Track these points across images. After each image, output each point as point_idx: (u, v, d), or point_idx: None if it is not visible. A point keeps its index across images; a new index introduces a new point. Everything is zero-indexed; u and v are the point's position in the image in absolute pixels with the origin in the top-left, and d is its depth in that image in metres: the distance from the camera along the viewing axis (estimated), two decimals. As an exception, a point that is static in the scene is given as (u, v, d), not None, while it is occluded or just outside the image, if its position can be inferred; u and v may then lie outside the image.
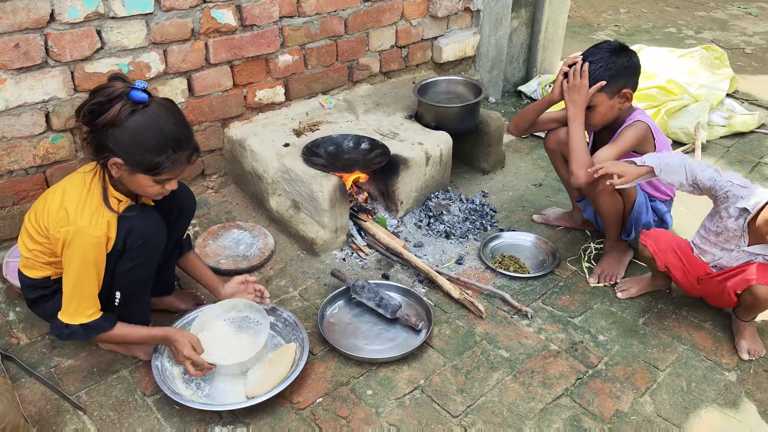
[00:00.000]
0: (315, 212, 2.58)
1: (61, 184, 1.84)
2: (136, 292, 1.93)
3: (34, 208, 1.85)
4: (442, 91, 3.16)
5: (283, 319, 2.17)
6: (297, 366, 1.98)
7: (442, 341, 2.18)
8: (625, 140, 2.30)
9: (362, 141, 2.80)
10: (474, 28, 3.67)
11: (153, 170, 1.72)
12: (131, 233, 1.79)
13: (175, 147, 1.72)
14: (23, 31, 2.19)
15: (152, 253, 1.89)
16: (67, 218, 1.72)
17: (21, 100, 2.28)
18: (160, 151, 1.70)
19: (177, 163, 1.74)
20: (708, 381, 2.05)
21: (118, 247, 1.80)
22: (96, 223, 1.74)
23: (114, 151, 1.69)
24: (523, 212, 2.92)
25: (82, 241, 1.72)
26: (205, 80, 2.72)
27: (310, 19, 2.93)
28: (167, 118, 1.71)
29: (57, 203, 1.76)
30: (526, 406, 1.94)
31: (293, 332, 2.13)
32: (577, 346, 2.18)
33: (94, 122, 1.68)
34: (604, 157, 2.27)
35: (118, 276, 1.85)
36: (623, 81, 2.26)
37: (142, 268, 1.89)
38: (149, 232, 1.84)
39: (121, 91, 1.67)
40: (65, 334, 1.81)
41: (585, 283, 2.48)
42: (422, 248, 2.65)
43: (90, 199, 1.76)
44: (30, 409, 1.89)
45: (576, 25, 5.70)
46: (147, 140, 1.68)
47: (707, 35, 5.58)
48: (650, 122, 2.35)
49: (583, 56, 2.28)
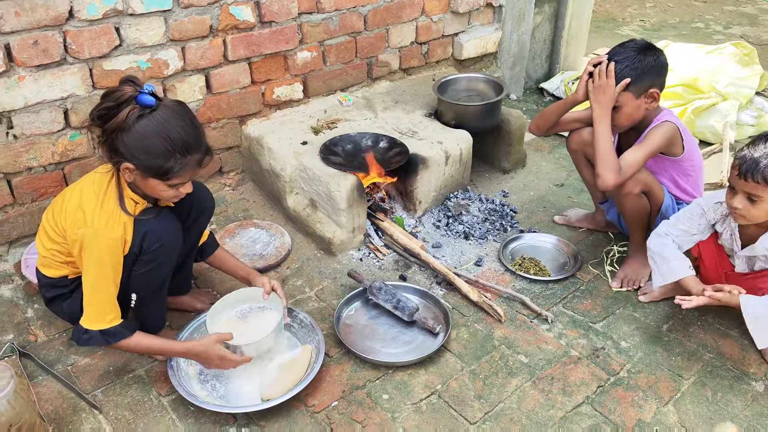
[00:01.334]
0: (332, 211, 2.56)
1: (80, 183, 1.83)
2: (152, 294, 1.92)
3: (52, 207, 1.84)
4: (463, 88, 3.12)
5: (300, 320, 2.15)
6: (312, 368, 1.96)
7: (460, 345, 2.15)
8: (653, 142, 2.24)
9: (381, 139, 2.77)
10: (496, 23, 3.61)
11: (163, 175, 1.69)
12: (147, 236, 1.78)
13: (183, 151, 1.67)
14: (42, 29, 2.19)
15: (168, 255, 1.88)
16: (84, 220, 1.71)
17: (40, 97, 2.28)
18: (169, 156, 1.66)
19: (187, 167, 1.71)
20: (734, 391, 1.99)
21: (135, 249, 1.79)
22: (112, 226, 1.73)
23: (124, 155, 1.66)
24: (545, 213, 2.87)
25: (98, 244, 1.71)
26: (223, 77, 2.70)
27: (329, 16, 2.90)
28: (175, 121, 1.67)
29: (75, 204, 1.75)
30: (545, 414, 1.90)
31: (309, 334, 2.11)
32: (598, 352, 2.13)
33: (104, 126, 1.66)
34: (631, 159, 2.21)
35: (134, 278, 1.84)
36: (650, 80, 2.20)
37: (159, 270, 1.88)
38: (165, 235, 1.83)
39: (130, 95, 1.64)
40: (84, 340, 1.80)
41: (607, 287, 2.42)
42: (440, 249, 2.62)
43: (107, 201, 1.75)
44: (46, 407, 1.89)
45: (600, 19, 5.60)
46: (154, 146, 1.65)
47: (736, 31, 5.44)
48: (678, 123, 2.28)
49: (608, 55, 2.22)
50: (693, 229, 2.13)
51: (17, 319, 2.21)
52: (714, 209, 2.10)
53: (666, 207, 2.32)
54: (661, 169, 2.37)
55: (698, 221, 2.13)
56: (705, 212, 2.11)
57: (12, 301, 2.29)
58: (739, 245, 2.06)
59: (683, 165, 2.35)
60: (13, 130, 2.28)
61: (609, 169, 2.19)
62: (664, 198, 2.32)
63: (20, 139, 2.31)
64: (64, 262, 1.84)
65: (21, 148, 2.32)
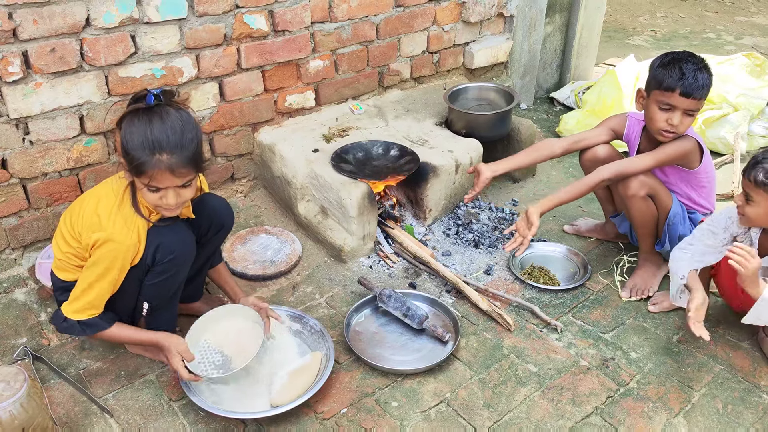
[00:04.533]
0: (343, 219, 2.57)
1: (98, 189, 1.86)
2: (164, 303, 1.95)
3: (70, 211, 1.87)
4: (473, 97, 3.13)
5: (309, 326, 2.16)
6: (322, 375, 1.96)
7: (469, 354, 2.15)
8: (666, 152, 2.24)
9: (392, 147, 2.78)
10: (507, 33, 3.62)
11: (138, 171, 1.66)
12: (160, 248, 1.80)
13: (153, 148, 1.64)
14: (59, 36, 2.22)
15: (181, 267, 1.89)
16: (99, 224, 1.74)
17: (56, 104, 2.31)
18: (141, 150, 1.64)
19: (157, 167, 1.65)
20: (745, 404, 1.98)
21: (148, 260, 1.81)
22: (127, 232, 1.75)
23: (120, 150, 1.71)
24: (554, 222, 2.87)
25: (112, 247, 1.74)
26: (236, 85, 2.73)
27: (341, 25, 2.92)
28: (161, 121, 1.66)
29: (91, 208, 1.78)
30: (554, 424, 1.90)
31: (319, 341, 2.12)
32: (608, 362, 2.12)
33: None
34: (638, 164, 2.25)
35: (147, 288, 1.86)
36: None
37: (171, 281, 1.90)
38: (178, 247, 1.84)
39: (143, 95, 1.71)
40: (63, 327, 1.86)
41: (617, 297, 2.42)
42: (450, 257, 2.62)
43: (123, 206, 1.77)
44: (58, 410, 1.91)
45: (611, 29, 5.60)
46: (132, 137, 1.65)
47: (748, 41, 5.43)
48: (698, 138, 2.29)
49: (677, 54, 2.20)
50: (718, 244, 2.10)
51: (30, 323, 2.23)
52: (738, 221, 2.07)
53: (674, 214, 2.32)
54: (676, 179, 2.37)
55: (723, 235, 2.10)
56: (728, 226, 2.08)
57: (26, 305, 2.32)
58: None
59: (698, 176, 2.35)
60: (29, 135, 2.31)
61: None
62: (672, 205, 2.31)
63: (36, 144, 2.34)
64: (79, 266, 1.86)
65: (37, 154, 2.35)
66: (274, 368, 2.01)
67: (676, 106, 2.18)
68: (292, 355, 2.09)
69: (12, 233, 2.43)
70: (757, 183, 1.88)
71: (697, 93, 2.15)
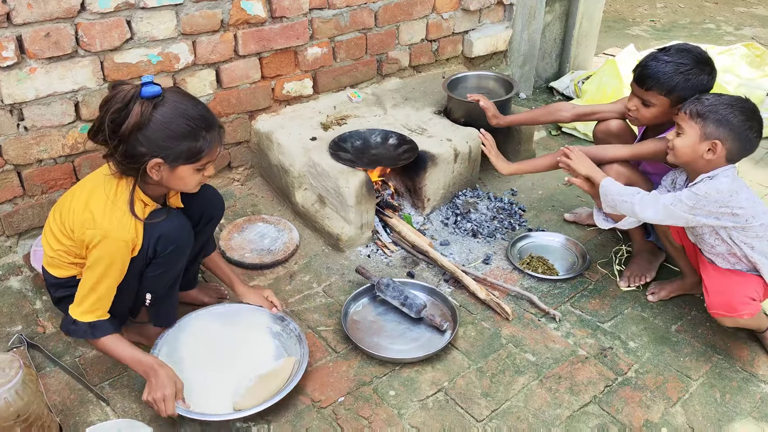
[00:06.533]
0: (340, 208, 2.55)
1: (88, 182, 1.80)
2: (166, 292, 1.93)
3: (59, 206, 1.81)
4: (473, 86, 3.11)
5: (290, 330, 2.07)
6: (291, 382, 1.89)
7: (467, 343, 2.14)
8: (642, 149, 2.28)
9: (390, 136, 2.76)
10: (506, 22, 3.60)
11: (194, 156, 1.68)
12: (161, 240, 1.77)
13: (206, 126, 1.69)
14: (54, 21, 2.19)
15: (181, 256, 1.87)
16: (94, 220, 1.69)
17: (51, 90, 2.28)
18: (196, 135, 1.66)
19: (213, 142, 1.71)
20: (743, 393, 1.98)
21: (149, 253, 1.78)
22: (124, 227, 1.71)
23: (149, 153, 1.64)
24: (553, 212, 2.86)
25: (109, 245, 1.69)
26: (233, 72, 2.70)
27: (340, 12, 2.89)
28: (186, 101, 1.68)
29: (82, 204, 1.72)
30: (552, 413, 1.89)
31: (296, 345, 2.03)
32: (606, 352, 2.12)
33: (118, 133, 1.62)
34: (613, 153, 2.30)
35: (149, 279, 1.85)
36: (689, 96, 2.11)
37: (172, 271, 1.88)
38: (177, 237, 1.82)
39: (133, 92, 1.62)
40: (72, 330, 1.78)
41: (616, 286, 2.42)
42: (448, 247, 2.61)
43: (118, 201, 1.72)
44: (54, 398, 1.90)
45: (610, 19, 5.57)
46: (179, 128, 1.64)
47: (747, 32, 5.41)
48: None
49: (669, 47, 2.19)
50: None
51: (26, 311, 2.22)
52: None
53: None
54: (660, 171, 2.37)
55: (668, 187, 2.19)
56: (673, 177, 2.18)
57: (21, 293, 2.30)
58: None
59: None
60: (24, 122, 2.29)
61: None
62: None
63: (31, 131, 2.32)
64: (72, 263, 1.81)
65: (32, 140, 2.33)
66: (245, 370, 1.95)
67: (633, 92, 2.24)
68: (267, 357, 2.01)
69: (6, 220, 2.41)
70: (691, 114, 1.94)
71: (643, 82, 2.16)
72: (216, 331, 2.05)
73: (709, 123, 1.91)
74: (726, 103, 1.93)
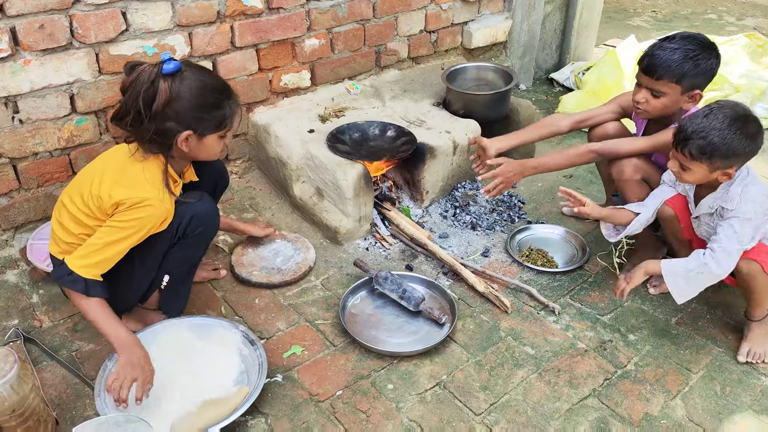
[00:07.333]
0: (339, 200, 2.54)
1: (103, 160, 1.82)
2: (183, 275, 1.97)
3: (79, 192, 1.76)
4: (472, 77, 3.09)
5: (255, 356, 1.92)
6: (234, 413, 1.75)
7: (466, 336, 2.13)
8: (663, 139, 2.20)
9: (388, 128, 2.74)
10: (506, 12, 3.57)
11: (221, 125, 1.77)
12: (193, 220, 1.82)
13: (228, 94, 1.78)
14: (48, 12, 2.17)
15: (207, 239, 1.93)
16: (132, 188, 1.70)
17: (46, 82, 2.26)
18: (221, 104, 1.75)
19: (236, 109, 1.80)
20: (743, 385, 1.97)
21: (179, 232, 1.82)
22: (164, 198, 1.74)
23: (179, 126, 1.70)
24: (553, 204, 2.84)
25: (145, 210, 1.70)
26: (230, 64, 2.68)
27: (337, 3, 2.87)
28: (205, 73, 1.78)
29: (108, 184, 1.71)
30: (551, 406, 1.88)
31: (254, 374, 1.88)
32: (605, 345, 2.11)
33: (150, 112, 1.65)
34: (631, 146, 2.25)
35: (172, 260, 1.88)
36: (700, 81, 2.13)
37: (195, 253, 1.93)
38: (208, 221, 1.88)
39: (156, 70, 1.66)
40: (66, 280, 1.71)
41: (615, 279, 2.39)
42: (447, 239, 2.60)
43: (150, 180, 1.73)
44: (50, 392, 1.89)
45: (611, 10, 5.54)
46: (207, 99, 1.72)
47: (749, 22, 5.37)
48: None
49: (672, 35, 2.16)
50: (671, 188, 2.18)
51: (22, 305, 2.21)
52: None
53: None
54: None
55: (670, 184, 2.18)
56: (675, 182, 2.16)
57: (17, 287, 2.29)
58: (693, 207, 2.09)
59: None
60: (18, 114, 2.27)
61: None
62: None
63: (26, 123, 2.30)
64: None
65: (27, 133, 2.31)
66: (197, 390, 1.85)
67: (640, 83, 2.19)
68: (227, 380, 1.90)
69: (2, 214, 2.39)
70: (692, 156, 1.89)
71: (654, 71, 2.11)
72: (187, 343, 1.97)
73: (715, 159, 1.86)
74: (719, 128, 1.84)
